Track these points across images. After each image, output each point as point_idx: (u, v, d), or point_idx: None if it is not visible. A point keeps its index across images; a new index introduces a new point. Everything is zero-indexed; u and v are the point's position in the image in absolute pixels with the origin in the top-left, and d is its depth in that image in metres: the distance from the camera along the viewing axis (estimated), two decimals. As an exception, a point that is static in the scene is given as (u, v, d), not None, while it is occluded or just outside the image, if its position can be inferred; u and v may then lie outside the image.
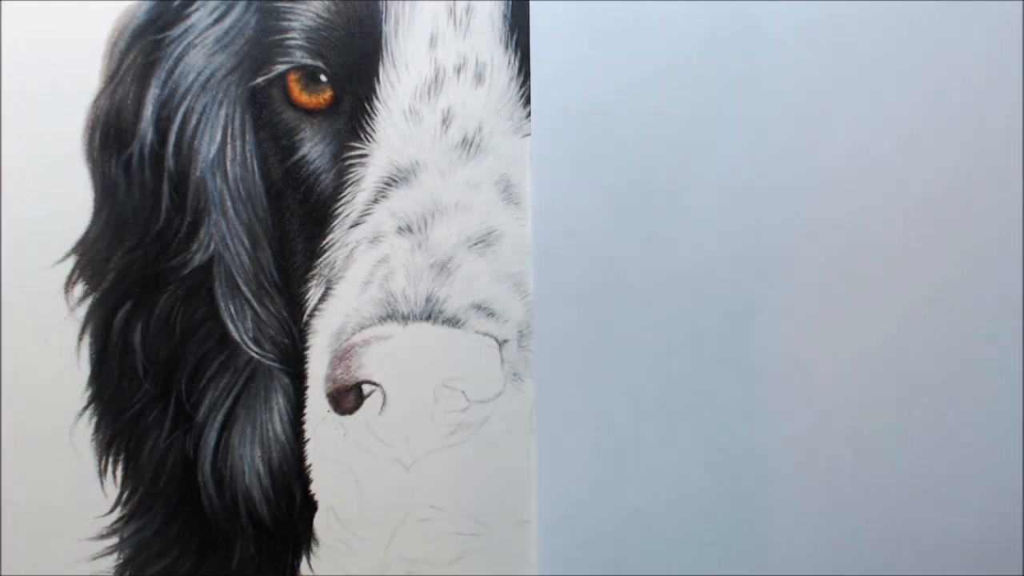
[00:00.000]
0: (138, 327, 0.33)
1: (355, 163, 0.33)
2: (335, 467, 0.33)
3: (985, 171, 0.33)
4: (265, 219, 0.33)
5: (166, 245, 0.33)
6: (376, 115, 0.33)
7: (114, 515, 0.33)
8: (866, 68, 0.33)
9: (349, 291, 0.33)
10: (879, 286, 0.33)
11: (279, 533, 0.34)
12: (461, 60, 0.32)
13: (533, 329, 0.33)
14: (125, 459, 0.33)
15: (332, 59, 0.32)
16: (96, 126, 0.32)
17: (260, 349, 0.33)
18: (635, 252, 0.33)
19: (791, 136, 0.33)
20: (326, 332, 0.33)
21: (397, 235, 0.33)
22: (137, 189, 0.33)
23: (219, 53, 0.32)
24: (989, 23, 0.33)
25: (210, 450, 0.34)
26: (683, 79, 0.33)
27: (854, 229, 0.33)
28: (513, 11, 0.32)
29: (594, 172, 0.33)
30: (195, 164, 0.33)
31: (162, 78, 0.32)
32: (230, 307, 0.33)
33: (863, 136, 0.33)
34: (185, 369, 0.33)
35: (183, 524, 0.34)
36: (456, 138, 0.33)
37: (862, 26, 0.33)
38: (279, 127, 0.33)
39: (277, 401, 0.34)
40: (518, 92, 0.33)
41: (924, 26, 0.33)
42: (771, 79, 0.33)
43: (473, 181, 0.33)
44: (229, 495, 0.34)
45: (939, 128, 0.33)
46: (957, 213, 0.33)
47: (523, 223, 0.33)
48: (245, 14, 0.32)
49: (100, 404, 0.33)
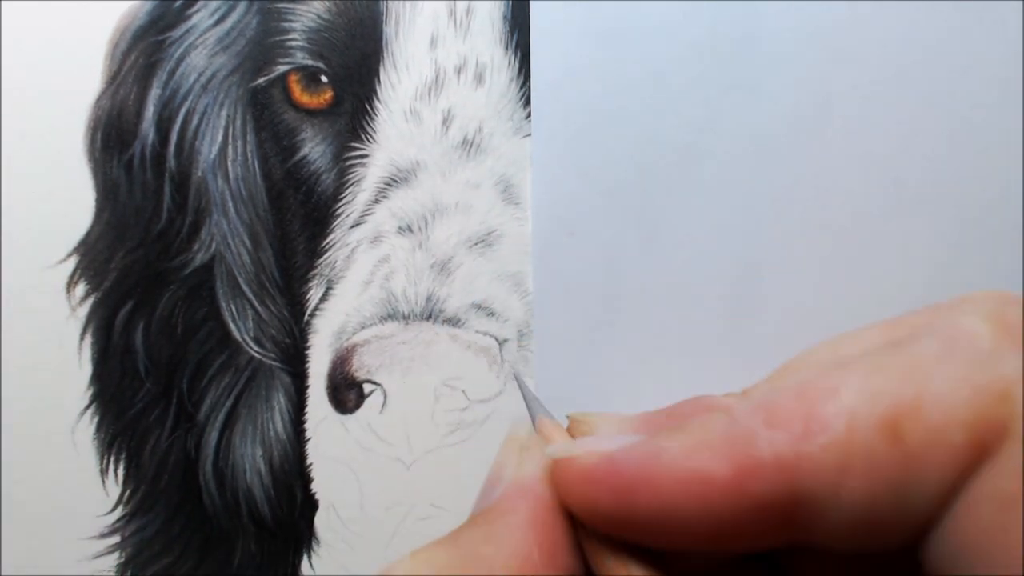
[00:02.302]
0: (140, 327, 0.33)
1: (356, 163, 0.33)
2: (336, 466, 0.34)
3: (985, 172, 0.33)
4: (266, 219, 0.33)
5: (168, 245, 0.33)
6: (377, 116, 0.33)
7: (115, 514, 0.34)
8: (866, 68, 0.33)
9: (350, 291, 0.33)
10: (879, 286, 0.33)
11: (280, 532, 0.34)
12: (461, 61, 0.32)
13: (533, 329, 0.33)
14: (127, 458, 0.34)
15: (333, 60, 0.33)
16: (98, 127, 0.32)
17: (261, 349, 0.34)
18: (635, 252, 0.33)
19: (791, 136, 0.33)
20: (327, 332, 0.33)
21: (398, 235, 0.33)
22: (139, 189, 0.33)
23: (220, 54, 0.33)
24: (989, 23, 0.33)
25: (211, 449, 0.34)
26: (683, 80, 0.33)
27: (855, 229, 0.33)
28: (513, 12, 0.33)
29: (594, 172, 0.33)
30: (196, 164, 0.33)
31: (163, 79, 0.32)
32: (231, 307, 0.33)
33: (863, 136, 0.33)
34: (186, 369, 0.33)
35: (184, 523, 0.34)
36: (456, 138, 0.33)
37: (862, 26, 0.33)
38: (280, 128, 0.33)
39: (278, 400, 0.34)
40: (518, 93, 0.33)
41: (924, 26, 0.33)
42: (771, 80, 0.33)
43: (473, 181, 0.33)
44: (230, 494, 0.34)
45: (939, 128, 0.33)
46: (957, 213, 0.33)
47: (523, 223, 0.33)
48: (246, 15, 0.33)
49: (102, 403, 0.33)
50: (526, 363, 0.33)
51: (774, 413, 0.16)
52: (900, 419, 0.16)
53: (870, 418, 0.16)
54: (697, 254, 0.33)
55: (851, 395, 0.16)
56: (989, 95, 0.33)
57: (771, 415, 0.16)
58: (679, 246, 0.33)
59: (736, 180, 0.33)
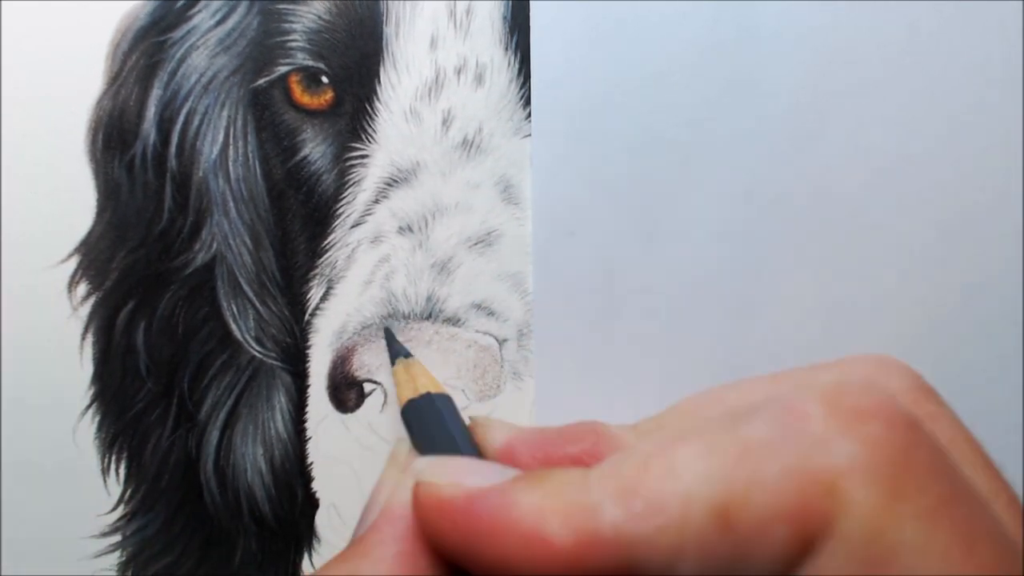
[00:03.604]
0: (141, 326, 0.33)
1: (356, 164, 0.33)
2: (337, 465, 0.34)
3: (986, 172, 0.33)
4: (267, 219, 0.33)
5: (169, 245, 0.33)
6: (377, 116, 0.33)
7: (117, 513, 0.34)
8: (866, 68, 0.33)
9: (350, 290, 0.33)
10: (879, 286, 0.33)
11: (281, 531, 0.34)
12: (461, 62, 0.32)
13: (533, 329, 0.33)
14: (128, 457, 0.34)
15: (333, 61, 0.33)
16: (99, 127, 0.33)
17: (262, 348, 0.34)
18: (635, 252, 0.33)
19: (792, 136, 0.33)
20: (328, 331, 0.33)
21: (398, 235, 0.33)
22: (140, 190, 0.33)
23: (221, 55, 0.33)
24: (989, 23, 0.33)
25: (212, 448, 0.34)
26: (683, 79, 0.33)
27: (855, 229, 0.33)
28: (513, 13, 0.33)
29: (594, 172, 0.33)
30: (197, 165, 0.33)
31: (165, 80, 0.33)
32: (232, 307, 0.33)
33: (863, 136, 0.33)
34: (187, 368, 0.33)
35: (185, 522, 0.34)
36: (456, 139, 0.33)
37: (862, 26, 0.33)
38: (281, 128, 0.33)
39: (279, 400, 0.34)
40: (518, 93, 0.33)
41: (924, 26, 0.33)
42: (772, 79, 0.33)
43: (473, 181, 0.33)
44: (231, 493, 0.34)
45: (939, 128, 0.33)
46: (957, 213, 0.33)
47: (523, 223, 0.33)
48: (247, 16, 0.33)
49: (103, 403, 0.33)
50: (526, 363, 0.33)
51: (621, 486, 0.17)
52: (731, 506, 0.16)
53: (704, 503, 0.16)
54: (697, 254, 0.33)
55: (688, 476, 0.16)
56: (989, 95, 0.33)
57: (618, 487, 0.17)
58: (679, 246, 0.33)
59: (736, 180, 0.33)
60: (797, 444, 0.16)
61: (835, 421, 0.16)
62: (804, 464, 0.16)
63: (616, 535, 0.16)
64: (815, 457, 0.16)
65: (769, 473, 0.16)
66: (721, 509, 0.16)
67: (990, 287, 0.33)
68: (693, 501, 0.16)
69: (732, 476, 0.16)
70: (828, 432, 0.16)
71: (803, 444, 0.16)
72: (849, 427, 0.16)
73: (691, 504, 0.16)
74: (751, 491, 0.16)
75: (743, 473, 0.16)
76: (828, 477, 0.15)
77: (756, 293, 0.33)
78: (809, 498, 0.15)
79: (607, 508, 0.17)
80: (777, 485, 0.16)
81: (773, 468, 0.16)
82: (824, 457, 0.16)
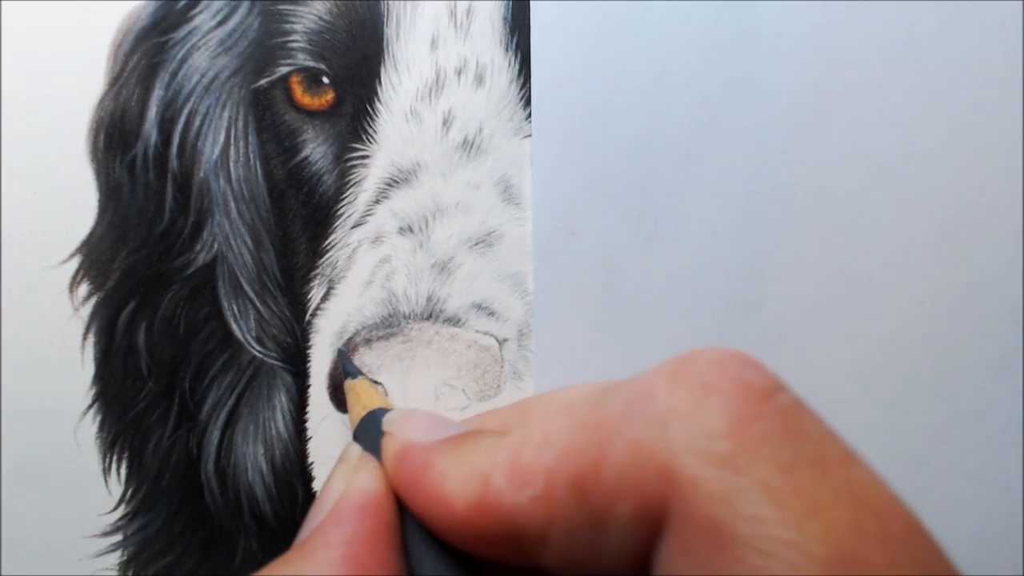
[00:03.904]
0: (142, 327, 0.33)
1: (357, 164, 0.33)
2: (337, 465, 0.34)
3: (986, 172, 0.33)
4: (268, 220, 0.33)
5: (170, 245, 0.33)
6: (378, 117, 0.33)
7: (118, 512, 0.34)
8: (866, 68, 0.33)
9: (351, 291, 0.33)
10: (879, 286, 0.33)
11: (282, 530, 0.34)
12: (462, 62, 0.33)
13: (533, 329, 0.33)
14: (129, 457, 0.34)
15: (334, 61, 0.33)
16: (100, 127, 0.33)
17: (263, 348, 0.34)
18: (635, 252, 0.33)
19: (792, 136, 0.33)
20: (328, 331, 0.33)
21: (398, 235, 0.33)
22: (141, 190, 0.33)
23: (222, 55, 0.33)
24: (989, 23, 0.33)
25: (213, 448, 0.34)
26: (683, 79, 0.33)
27: (854, 229, 0.33)
28: (513, 13, 0.33)
29: (594, 172, 0.33)
30: (199, 165, 0.33)
31: (166, 80, 0.33)
32: (233, 307, 0.33)
33: (863, 136, 0.33)
34: (188, 368, 0.34)
35: (186, 521, 0.34)
36: (457, 139, 0.33)
37: (862, 26, 0.33)
38: (282, 129, 0.33)
39: (280, 400, 0.34)
40: (518, 94, 0.33)
41: (924, 26, 0.33)
42: (772, 80, 0.33)
43: (474, 182, 0.33)
44: (232, 493, 0.34)
45: (939, 128, 0.33)
46: (957, 213, 0.33)
47: (523, 223, 0.33)
48: (248, 16, 0.33)
49: (104, 403, 0.33)
50: (526, 363, 0.33)
51: (507, 456, 0.18)
52: (585, 481, 0.16)
53: (563, 476, 0.17)
54: (697, 254, 0.33)
55: (554, 450, 0.17)
56: (989, 95, 0.33)
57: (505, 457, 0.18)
58: (679, 246, 0.33)
59: (736, 179, 0.33)
60: (639, 422, 0.16)
61: (677, 397, 0.16)
62: (643, 443, 0.16)
63: (499, 503, 0.17)
64: (653, 437, 0.16)
65: (616, 450, 0.16)
66: (578, 483, 0.16)
67: (990, 287, 0.33)
68: (554, 474, 0.17)
69: (586, 452, 0.16)
70: (668, 411, 0.16)
71: (644, 422, 0.16)
72: (690, 403, 0.16)
73: (553, 477, 0.17)
74: (601, 467, 0.16)
75: (595, 449, 0.16)
76: (663, 458, 0.15)
77: (756, 293, 0.33)
78: (647, 478, 0.15)
79: (495, 477, 0.17)
80: (622, 461, 0.16)
81: (619, 445, 0.16)
82: (661, 437, 0.16)
